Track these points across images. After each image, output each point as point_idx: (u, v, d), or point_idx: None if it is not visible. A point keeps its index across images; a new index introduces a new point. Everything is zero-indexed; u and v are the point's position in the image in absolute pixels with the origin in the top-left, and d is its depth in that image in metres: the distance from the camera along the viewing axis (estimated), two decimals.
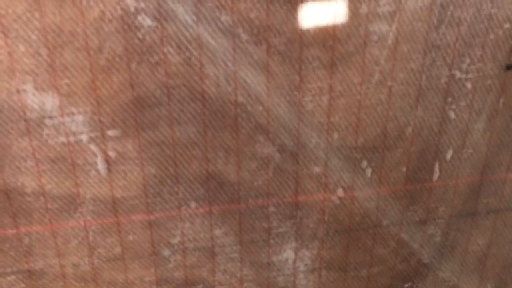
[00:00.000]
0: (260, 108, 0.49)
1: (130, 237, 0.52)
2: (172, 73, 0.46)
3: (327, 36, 0.47)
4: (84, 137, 0.47)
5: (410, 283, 0.64)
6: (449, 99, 0.53)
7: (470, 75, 0.52)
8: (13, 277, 0.52)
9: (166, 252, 0.54)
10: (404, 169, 0.56)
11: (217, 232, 0.55)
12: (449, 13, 0.49)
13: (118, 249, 0.53)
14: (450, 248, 0.63)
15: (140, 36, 0.44)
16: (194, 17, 0.44)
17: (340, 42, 0.48)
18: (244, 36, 0.46)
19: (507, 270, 0.67)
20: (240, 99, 0.48)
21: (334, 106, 0.51)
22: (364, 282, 0.62)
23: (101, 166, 0.48)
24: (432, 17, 0.49)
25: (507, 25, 0.50)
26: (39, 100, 0.44)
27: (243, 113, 0.49)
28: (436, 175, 0.57)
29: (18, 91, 0.44)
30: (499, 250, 0.65)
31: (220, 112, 0.49)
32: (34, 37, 0.42)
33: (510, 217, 0.62)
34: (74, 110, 0.46)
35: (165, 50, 0.45)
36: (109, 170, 0.49)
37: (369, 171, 0.55)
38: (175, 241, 0.54)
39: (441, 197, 0.59)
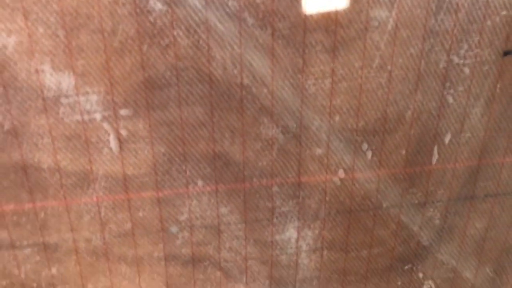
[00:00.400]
0: (265, 90, 0.51)
1: (140, 214, 0.55)
2: (181, 56, 0.48)
3: (329, 21, 0.50)
4: (97, 116, 0.49)
5: (410, 265, 0.66)
6: (448, 84, 0.55)
7: (468, 61, 0.54)
8: (29, 250, 0.54)
9: (174, 229, 0.57)
10: (403, 152, 0.58)
11: (223, 210, 0.57)
12: (447, 0, 0.50)
13: (128, 225, 0.55)
14: (449, 231, 0.65)
15: (151, 19, 0.46)
16: (202, 2, 0.47)
17: (342, 27, 0.50)
18: (250, 20, 0.48)
19: (505, 254, 0.68)
20: (246, 81, 0.51)
21: (336, 89, 0.53)
22: (365, 263, 0.64)
23: (113, 144, 0.51)
24: (430, 3, 0.51)
25: (504, 12, 0.52)
26: (56, 79, 0.47)
27: (248, 95, 0.51)
28: (435, 159, 0.59)
29: (36, 71, 0.46)
30: (497, 234, 0.66)
31: (227, 94, 0.51)
32: (52, 19, 0.45)
33: (507, 202, 0.64)
34: (88, 89, 0.48)
35: (175, 33, 0.47)
36: (120, 148, 0.51)
37: (369, 154, 0.57)
38: (182, 218, 0.56)
39: (440, 180, 0.61)
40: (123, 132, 0.51)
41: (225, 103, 0.51)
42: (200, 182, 0.55)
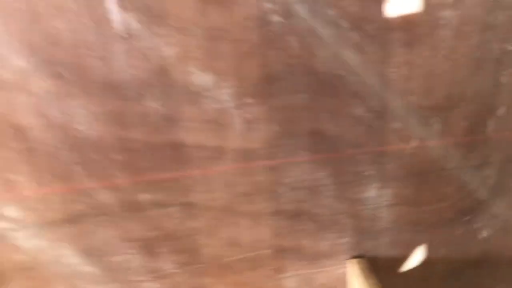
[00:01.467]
0: (357, 78, 0.66)
1: (257, 178, 0.71)
2: (293, 55, 0.63)
3: (407, 22, 0.63)
4: (230, 104, 0.65)
5: (469, 217, 0.80)
6: (501, 67, 0.68)
7: None
8: (176, 207, 0.71)
9: (281, 190, 0.73)
10: (464, 123, 0.71)
11: (319, 175, 0.72)
12: None
13: (248, 188, 0.72)
14: (502, 189, 0.78)
15: (271, 29, 0.61)
16: (309, 14, 0.61)
17: (417, 26, 0.64)
18: (345, 25, 0.62)
19: None
20: (342, 72, 0.65)
21: (412, 75, 0.67)
22: (433, 215, 0.79)
23: (241, 125, 0.67)
24: (488, 3, 0.63)
25: None
26: (201, 78, 0.63)
27: (343, 83, 0.66)
28: (490, 128, 0.72)
29: (188, 72, 0.62)
30: None
31: (326, 83, 0.66)
32: (198, 33, 0.60)
33: None
34: (224, 85, 0.64)
35: (288, 38, 0.62)
36: (246, 128, 0.67)
37: (436, 126, 0.71)
38: (288, 181, 0.72)
39: (494, 146, 0.74)
40: (248, 116, 0.66)
41: (325, 90, 0.66)
42: (302, 153, 0.70)
